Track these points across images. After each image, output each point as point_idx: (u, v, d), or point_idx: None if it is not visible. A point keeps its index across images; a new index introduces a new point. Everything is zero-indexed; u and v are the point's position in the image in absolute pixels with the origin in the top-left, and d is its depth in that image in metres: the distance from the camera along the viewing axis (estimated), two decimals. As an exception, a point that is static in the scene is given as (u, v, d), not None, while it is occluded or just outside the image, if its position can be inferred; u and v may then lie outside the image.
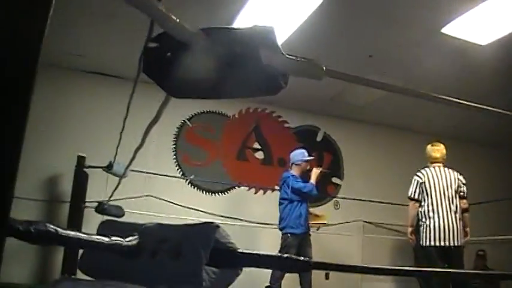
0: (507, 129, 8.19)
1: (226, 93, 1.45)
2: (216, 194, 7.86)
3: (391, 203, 7.60)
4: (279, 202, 6.50)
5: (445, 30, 5.70)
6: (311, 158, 6.77)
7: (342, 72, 1.61)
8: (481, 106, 1.98)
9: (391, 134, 9.15)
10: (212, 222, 2.24)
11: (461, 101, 1.82)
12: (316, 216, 7.08)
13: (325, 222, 7.19)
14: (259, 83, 1.38)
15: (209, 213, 7.26)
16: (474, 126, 8.41)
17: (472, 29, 5.66)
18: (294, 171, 6.57)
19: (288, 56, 1.41)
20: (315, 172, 6.61)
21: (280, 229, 6.38)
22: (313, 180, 6.52)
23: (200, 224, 2.39)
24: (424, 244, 5.57)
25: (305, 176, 6.62)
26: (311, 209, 6.91)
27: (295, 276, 6.17)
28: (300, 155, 6.69)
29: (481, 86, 7.16)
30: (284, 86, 1.41)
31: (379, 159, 8.97)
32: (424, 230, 5.57)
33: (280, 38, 5.63)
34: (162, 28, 1.36)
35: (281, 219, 6.39)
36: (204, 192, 7.79)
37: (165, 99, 1.62)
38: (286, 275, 6.07)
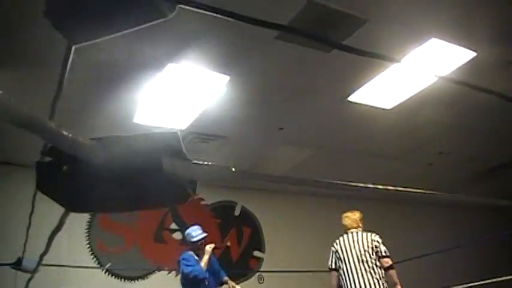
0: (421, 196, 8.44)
1: (128, 207, 1.35)
2: (136, 281, 7.50)
3: (317, 271, 7.53)
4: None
5: (352, 98, 5.91)
6: (201, 237, 5.95)
7: (249, 171, 1.55)
8: (380, 187, 1.99)
9: (307, 201, 9.21)
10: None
11: (356, 184, 1.83)
12: None
13: None
14: (164, 193, 1.29)
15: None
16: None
17: (376, 95, 5.91)
18: (191, 250, 5.97)
19: (194, 162, 1.33)
20: (207, 251, 5.87)
21: None
22: (203, 262, 5.81)
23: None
24: None
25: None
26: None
27: None
28: (189, 234, 6.01)
29: (391, 146, 7.44)
30: (193, 194, 1.33)
31: (299, 227, 8.98)
32: None
33: (190, 117, 5.66)
34: (52, 144, 1.25)
35: None
36: (123, 280, 7.42)
37: (64, 212, 1.49)
38: None
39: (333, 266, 5.67)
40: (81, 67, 4.48)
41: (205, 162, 1.34)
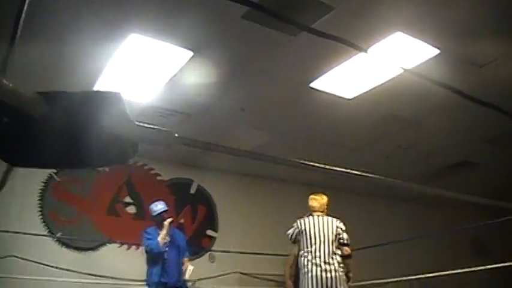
0: (378, 182, 8.58)
1: (68, 163, 1.34)
2: (87, 252, 7.44)
3: (267, 254, 7.60)
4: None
5: (314, 84, 5.93)
6: (160, 211, 6.13)
7: (193, 139, 1.55)
8: (337, 169, 2.02)
9: (263, 184, 9.27)
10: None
11: (311, 163, 1.84)
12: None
13: (191, 268, 6.90)
14: (104, 152, 1.28)
15: (80, 273, 6.84)
16: (350, 177, 8.67)
17: (338, 84, 5.95)
18: (155, 225, 6.15)
19: (138, 124, 1.33)
20: (164, 226, 6.02)
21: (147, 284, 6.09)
22: (160, 236, 5.98)
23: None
24: None
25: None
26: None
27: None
28: (151, 208, 6.20)
29: (349, 136, 7.52)
30: (133, 155, 1.32)
31: (254, 210, 9.03)
32: (304, 279, 5.58)
33: (151, 91, 5.62)
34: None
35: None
36: (74, 250, 7.33)
37: (7, 167, 1.48)
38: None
39: (293, 241, 5.71)
40: (40, 23, 4.37)
41: (149, 125, 1.34)
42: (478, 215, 6.72)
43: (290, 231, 5.77)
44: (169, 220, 6.09)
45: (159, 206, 6.17)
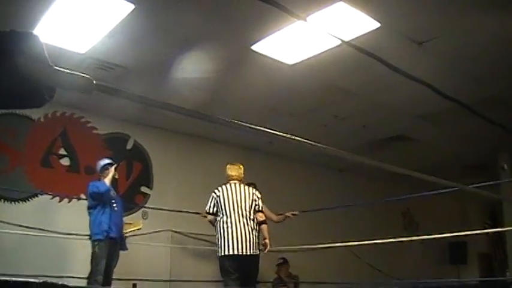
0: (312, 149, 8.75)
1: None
2: (17, 202, 7.30)
3: (200, 213, 7.67)
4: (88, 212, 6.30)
5: (255, 47, 5.94)
6: (107, 162, 6.58)
7: (112, 87, 1.56)
8: (278, 133, 2.07)
9: (201, 145, 9.30)
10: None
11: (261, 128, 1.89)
12: (129, 224, 6.95)
13: (139, 227, 7.08)
14: (18, 94, 1.28)
15: (11, 224, 6.73)
16: (287, 143, 8.72)
17: (280, 48, 5.98)
18: (100, 179, 6.43)
19: (55, 67, 1.33)
20: (111, 171, 6.46)
21: (89, 238, 6.17)
22: (107, 178, 6.37)
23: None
24: (220, 254, 5.86)
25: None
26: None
27: None
28: (98, 164, 6.59)
29: (288, 102, 7.61)
30: (48, 99, 1.32)
31: (190, 170, 9.07)
32: (220, 242, 5.83)
33: (90, 42, 5.50)
34: None
35: (90, 228, 6.20)
36: (4, 201, 7.18)
37: None
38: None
39: (211, 211, 6.08)
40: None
41: (67, 70, 1.34)
42: (411, 190, 7.00)
43: (208, 206, 6.12)
44: (114, 166, 6.52)
45: (105, 161, 6.58)
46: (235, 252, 5.72)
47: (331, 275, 9.32)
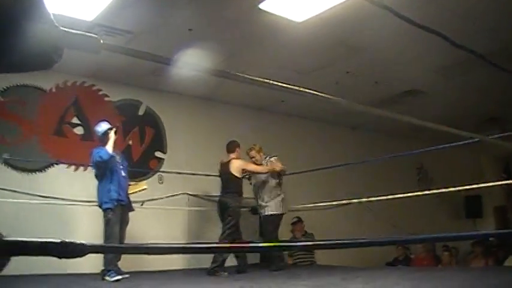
0: (325, 106, 8.73)
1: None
2: (33, 173, 7.36)
3: (215, 175, 7.69)
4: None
5: (263, 6, 5.85)
6: (106, 128, 6.49)
7: (120, 46, 1.54)
8: (289, 87, 2.04)
9: (215, 108, 9.27)
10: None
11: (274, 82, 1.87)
12: (134, 185, 7.02)
13: (144, 187, 7.12)
14: (26, 56, 1.26)
15: (27, 194, 6.80)
16: (299, 100, 8.63)
17: (288, 5, 5.88)
18: (101, 145, 6.42)
19: (62, 28, 1.31)
20: (111, 137, 6.39)
21: (99, 206, 6.23)
22: (108, 144, 6.32)
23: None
24: (278, 212, 7.29)
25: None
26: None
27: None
28: (96, 130, 6.58)
29: (299, 60, 7.53)
30: (57, 60, 1.31)
31: (201, 132, 9.06)
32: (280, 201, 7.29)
33: (97, 9, 5.44)
34: None
35: (99, 196, 6.28)
36: (20, 171, 7.24)
37: None
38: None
39: None
40: None
41: (73, 30, 1.32)
42: (424, 145, 6.98)
43: None
44: (114, 129, 6.46)
45: (102, 126, 6.46)
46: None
47: (347, 232, 9.37)
